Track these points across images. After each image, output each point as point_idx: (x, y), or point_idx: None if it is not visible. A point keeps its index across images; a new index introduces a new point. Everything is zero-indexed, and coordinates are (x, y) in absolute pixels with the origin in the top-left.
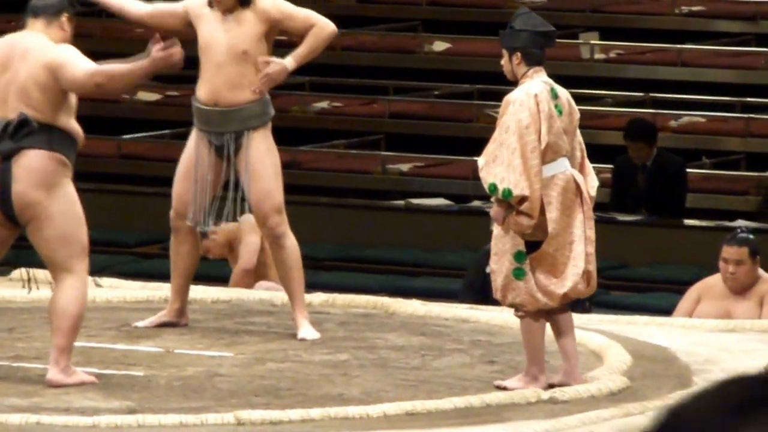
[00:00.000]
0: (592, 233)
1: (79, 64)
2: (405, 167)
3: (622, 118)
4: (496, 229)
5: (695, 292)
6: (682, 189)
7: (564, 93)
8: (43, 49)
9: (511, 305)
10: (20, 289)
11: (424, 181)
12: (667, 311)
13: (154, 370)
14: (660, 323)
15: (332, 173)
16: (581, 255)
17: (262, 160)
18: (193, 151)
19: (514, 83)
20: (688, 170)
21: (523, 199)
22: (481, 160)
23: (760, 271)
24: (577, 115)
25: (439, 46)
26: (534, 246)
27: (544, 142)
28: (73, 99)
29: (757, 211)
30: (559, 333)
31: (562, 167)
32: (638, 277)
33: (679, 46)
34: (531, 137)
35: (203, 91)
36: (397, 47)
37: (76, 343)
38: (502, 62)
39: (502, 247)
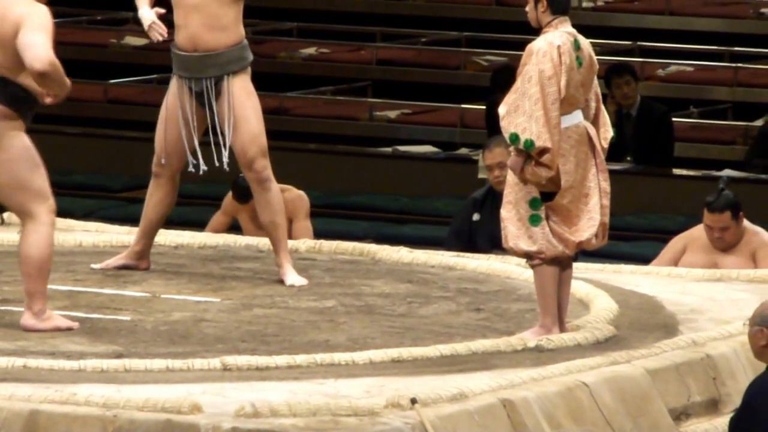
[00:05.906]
0: (606, 185)
1: (38, 43)
2: (392, 114)
3: None
4: (511, 177)
5: (681, 243)
6: (669, 137)
7: (586, 44)
8: (17, 3)
9: (526, 254)
10: (7, 232)
11: (412, 128)
12: (653, 260)
13: (141, 314)
14: (646, 272)
15: (319, 120)
16: (596, 207)
17: (244, 104)
18: (176, 97)
19: (538, 31)
20: (676, 119)
21: (543, 151)
22: (502, 109)
23: (746, 223)
24: (596, 67)
25: None
26: (545, 197)
27: (562, 95)
28: None
29: (743, 160)
30: (559, 283)
31: (576, 119)
32: (625, 226)
33: None
34: (553, 89)
35: (181, 36)
36: None
37: (63, 287)
38: (527, 9)
39: (515, 195)
